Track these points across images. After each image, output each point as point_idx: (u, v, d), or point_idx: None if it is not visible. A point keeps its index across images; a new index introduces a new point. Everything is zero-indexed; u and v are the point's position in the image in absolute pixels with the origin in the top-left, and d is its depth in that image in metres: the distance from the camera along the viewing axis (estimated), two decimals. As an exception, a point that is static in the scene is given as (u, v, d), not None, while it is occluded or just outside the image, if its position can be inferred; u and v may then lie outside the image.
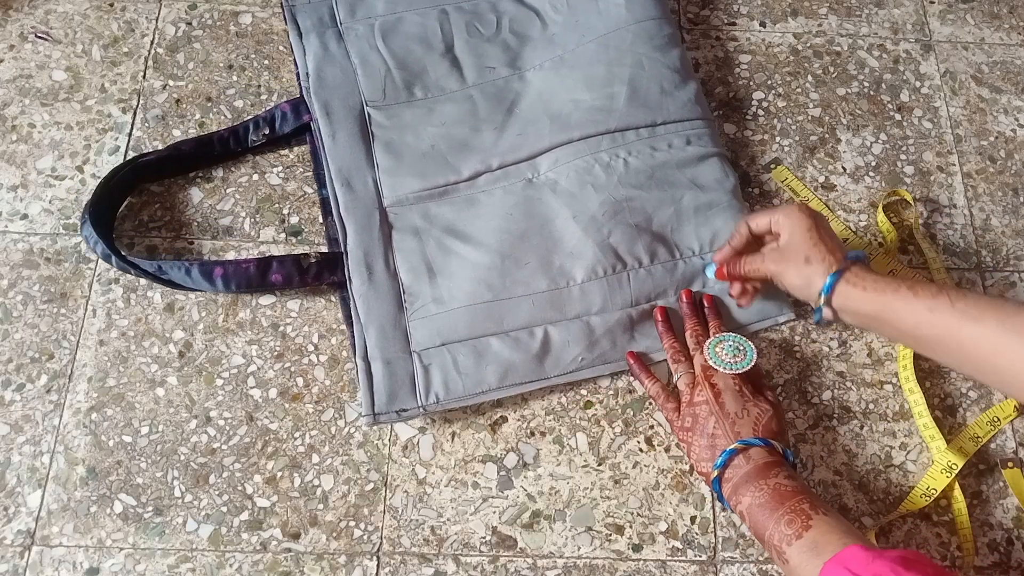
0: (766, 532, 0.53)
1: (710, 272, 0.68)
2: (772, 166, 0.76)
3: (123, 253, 0.67)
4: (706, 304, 0.68)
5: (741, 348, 0.62)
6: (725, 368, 0.61)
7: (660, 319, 0.67)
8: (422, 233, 0.69)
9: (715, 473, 0.57)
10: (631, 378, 0.67)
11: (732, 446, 0.56)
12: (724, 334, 0.64)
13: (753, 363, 0.61)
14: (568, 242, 0.69)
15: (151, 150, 0.73)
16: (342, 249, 0.68)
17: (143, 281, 0.69)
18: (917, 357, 0.68)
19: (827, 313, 0.58)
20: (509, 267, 0.67)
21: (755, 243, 0.65)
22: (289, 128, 0.74)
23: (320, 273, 0.67)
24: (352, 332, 0.66)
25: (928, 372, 0.68)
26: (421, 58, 0.76)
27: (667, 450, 0.65)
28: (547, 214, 0.70)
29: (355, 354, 0.65)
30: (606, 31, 0.77)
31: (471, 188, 0.71)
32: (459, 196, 0.71)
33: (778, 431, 0.59)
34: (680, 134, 0.73)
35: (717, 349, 0.62)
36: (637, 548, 0.62)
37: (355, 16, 0.78)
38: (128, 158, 0.73)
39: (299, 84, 0.75)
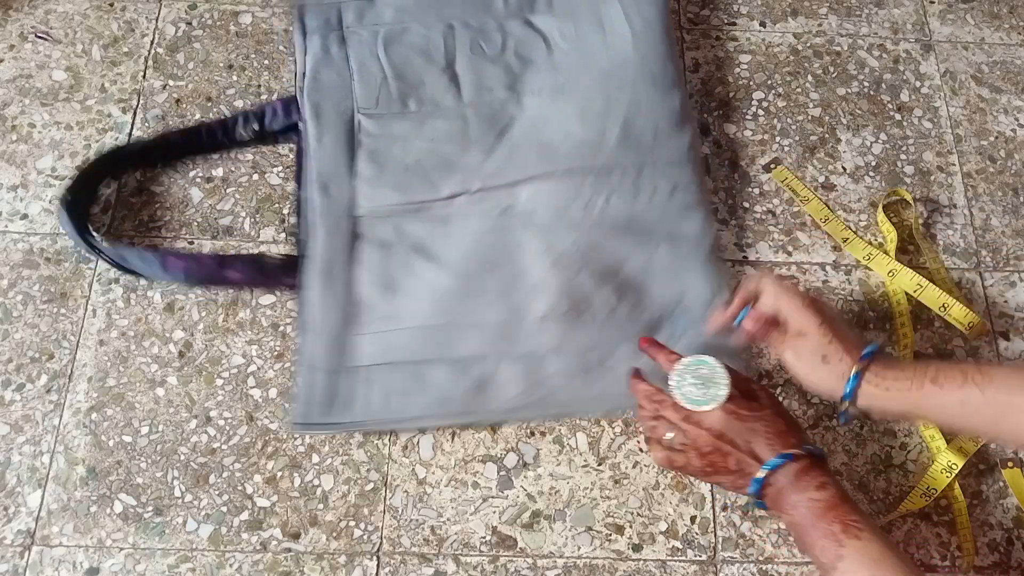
0: (809, 554, 0.51)
1: (738, 322, 0.61)
2: (772, 166, 0.76)
3: (91, 235, 0.68)
4: (643, 347, 0.62)
5: (708, 373, 0.55)
6: (705, 406, 0.54)
7: (635, 379, 0.60)
8: (389, 248, 0.68)
9: (755, 509, 0.56)
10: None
11: (760, 475, 0.52)
12: (679, 367, 0.56)
13: (728, 384, 0.54)
14: (533, 276, 0.67)
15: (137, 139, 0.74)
16: (308, 252, 0.68)
17: (143, 281, 0.69)
18: (917, 357, 0.68)
19: (853, 412, 0.56)
20: (468, 293, 0.66)
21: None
22: (279, 126, 0.74)
23: (280, 275, 0.67)
24: (302, 337, 0.66)
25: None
26: (420, 71, 0.76)
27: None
28: (517, 245, 0.68)
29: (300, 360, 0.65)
30: (610, 64, 0.76)
31: (447, 208, 0.70)
32: (434, 215, 0.70)
33: (787, 428, 0.55)
34: (667, 180, 0.71)
35: (683, 389, 0.55)
36: (637, 548, 0.62)
37: (362, 21, 0.78)
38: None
39: (295, 83, 0.75)
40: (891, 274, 0.70)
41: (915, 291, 0.69)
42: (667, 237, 0.69)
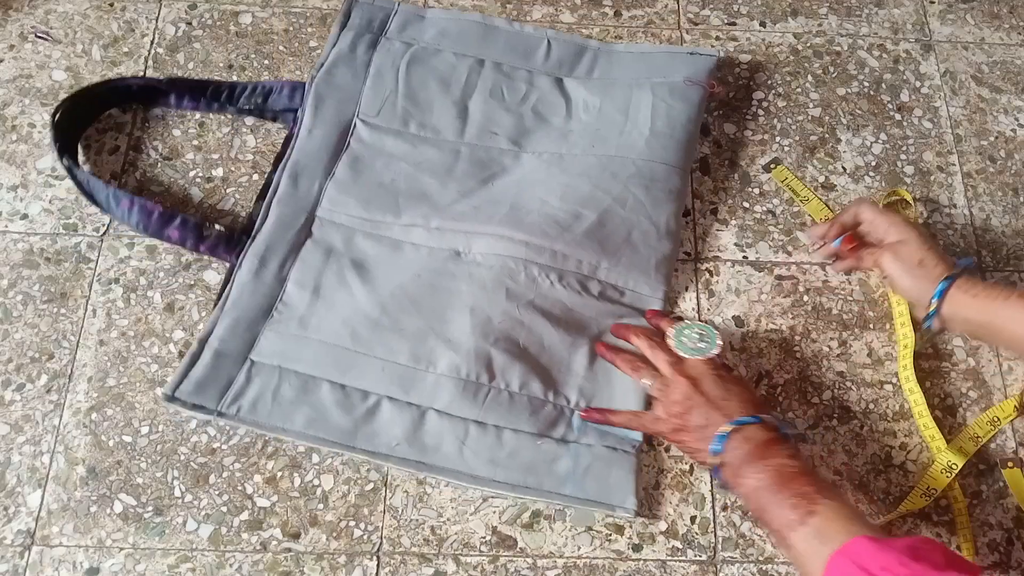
0: (768, 515, 0.52)
1: (835, 243, 0.68)
2: (772, 166, 0.76)
3: (72, 159, 0.70)
4: (648, 317, 0.67)
5: (704, 333, 0.63)
6: (696, 354, 0.60)
7: (603, 348, 0.65)
8: (332, 255, 0.68)
9: (714, 460, 0.56)
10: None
11: (725, 429, 0.55)
12: (679, 325, 0.64)
13: (720, 344, 0.62)
14: (452, 330, 0.65)
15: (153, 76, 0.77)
16: (252, 233, 0.68)
17: (143, 281, 0.69)
18: (917, 356, 0.68)
19: (936, 323, 0.61)
20: (384, 326, 0.65)
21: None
22: (280, 107, 0.75)
23: (216, 246, 0.68)
24: (214, 312, 0.65)
25: (928, 372, 0.68)
26: (432, 96, 0.75)
27: (667, 450, 0.65)
28: (450, 295, 0.67)
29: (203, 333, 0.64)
30: (616, 153, 0.73)
31: (402, 234, 0.69)
32: (386, 238, 0.69)
33: (761, 401, 0.59)
34: (622, 289, 0.69)
35: (683, 338, 0.62)
36: (637, 548, 0.62)
37: (402, 33, 0.78)
38: (128, 158, 0.74)
39: (311, 71, 0.76)
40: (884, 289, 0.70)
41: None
42: (597, 337, 0.67)
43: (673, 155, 0.73)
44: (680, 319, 0.66)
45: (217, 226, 0.68)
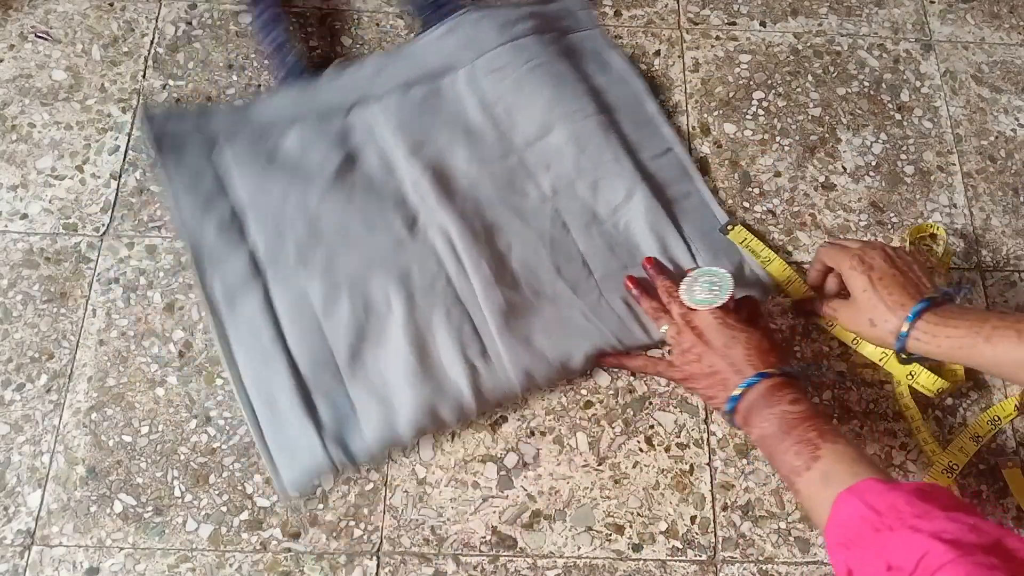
0: (776, 463, 0.53)
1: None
2: (728, 227, 0.71)
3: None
4: (647, 267, 0.68)
5: (717, 282, 0.62)
6: (703, 305, 0.60)
7: (632, 284, 0.67)
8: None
9: (728, 417, 0.57)
10: (631, 378, 0.67)
11: (735, 392, 0.56)
12: (695, 272, 0.64)
13: (731, 293, 0.60)
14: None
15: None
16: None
17: (143, 281, 0.69)
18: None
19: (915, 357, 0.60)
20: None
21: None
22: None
23: (286, 68, 0.75)
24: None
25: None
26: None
27: (667, 450, 0.65)
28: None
29: None
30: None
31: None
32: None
33: (769, 348, 0.58)
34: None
35: (693, 289, 0.62)
36: (637, 548, 0.62)
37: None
38: (128, 158, 0.74)
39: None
40: (855, 341, 0.68)
41: (880, 359, 0.66)
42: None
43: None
44: (695, 268, 0.65)
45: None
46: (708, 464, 0.65)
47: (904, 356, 0.60)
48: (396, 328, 0.64)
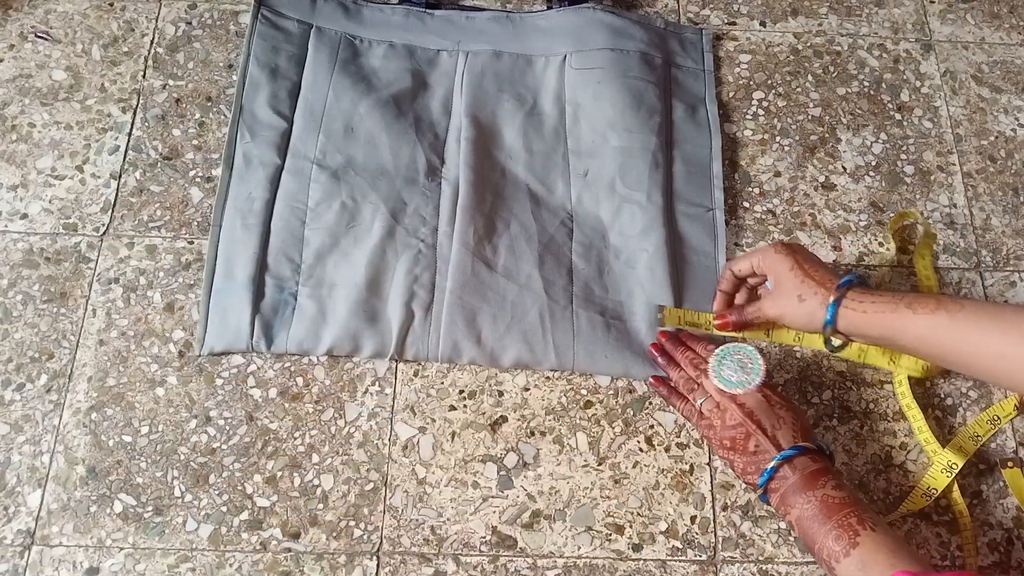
0: (816, 545, 0.52)
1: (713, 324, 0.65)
2: (659, 314, 0.67)
3: None
4: (665, 341, 0.66)
5: (745, 359, 0.60)
6: (740, 388, 0.58)
7: (658, 354, 0.65)
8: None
9: (761, 491, 0.56)
10: (631, 378, 0.67)
11: (772, 464, 0.55)
12: (720, 351, 0.61)
13: (764, 369, 0.59)
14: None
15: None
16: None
17: (143, 280, 0.69)
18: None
19: (838, 340, 0.59)
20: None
21: (742, 285, 0.66)
22: None
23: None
24: None
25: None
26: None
27: (667, 450, 0.65)
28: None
29: None
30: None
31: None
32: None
33: (807, 425, 0.58)
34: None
35: (722, 372, 0.60)
36: (637, 548, 0.62)
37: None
38: (128, 158, 0.74)
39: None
40: (798, 338, 0.67)
41: (794, 340, 0.66)
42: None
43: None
44: (712, 343, 0.63)
45: None
46: (708, 464, 0.65)
47: (829, 339, 0.60)
48: (365, 248, 0.69)
